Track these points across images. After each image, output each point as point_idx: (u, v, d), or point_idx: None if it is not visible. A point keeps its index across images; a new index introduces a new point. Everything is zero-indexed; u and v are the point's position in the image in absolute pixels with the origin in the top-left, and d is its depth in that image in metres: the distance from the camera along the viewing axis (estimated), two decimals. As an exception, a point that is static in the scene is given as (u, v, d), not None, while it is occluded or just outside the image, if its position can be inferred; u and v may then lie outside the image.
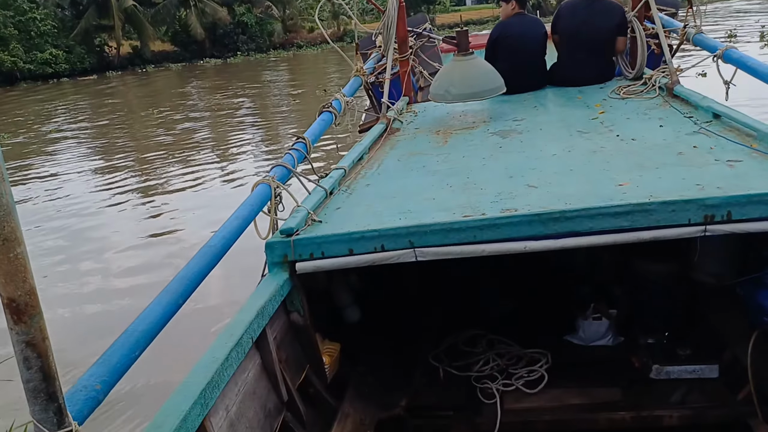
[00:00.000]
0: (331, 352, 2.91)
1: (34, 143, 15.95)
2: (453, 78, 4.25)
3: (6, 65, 37.92)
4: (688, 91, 3.79)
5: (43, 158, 13.99)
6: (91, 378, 1.52)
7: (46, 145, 15.42)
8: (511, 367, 3.24)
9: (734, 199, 2.25)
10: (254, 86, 24.06)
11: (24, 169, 12.77)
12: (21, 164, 13.30)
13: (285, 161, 3.01)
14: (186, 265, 2.07)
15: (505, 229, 2.37)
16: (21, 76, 39.13)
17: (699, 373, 2.97)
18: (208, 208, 8.59)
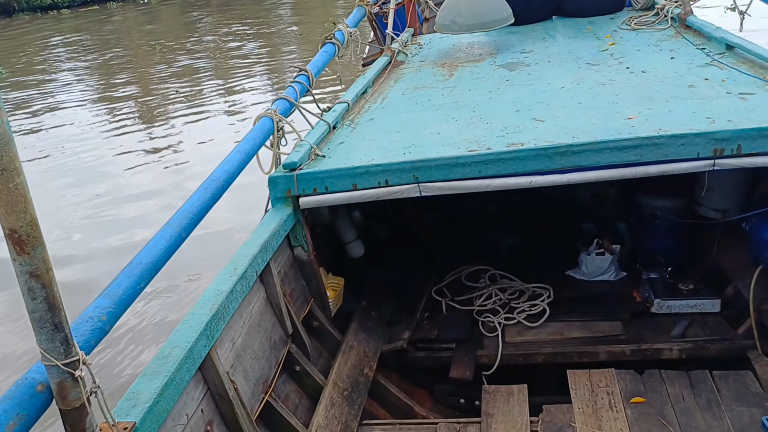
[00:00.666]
0: (335, 287, 2.93)
1: (33, 78, 15.66)
2: (460, 8, 4.12)
3: (2, -4, 37.21)
4: (701, 22, 3.67)
5: (43, 93, 13.74)
6: (97, 309, 1.54)
7: (45, 80, 15.11)
8: (514, 302, 3.27)
9: (745, 133, 2.21)
10: (259, 18, 23.44)
11: (24, 104, 12.59)
12: (21, 97, 13.12)
13: (287, 94, 2.95)
14: (188, 198, 2.05)
15: (511, 163, 2.34)
16: (19, 7, 38.07)
17: (701, 307, 3.00)
18: (213, 142, 8.56)
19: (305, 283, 2.73)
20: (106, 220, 6.63)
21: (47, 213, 6.79)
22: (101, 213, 6.82)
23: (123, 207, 6.89)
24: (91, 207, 7.01)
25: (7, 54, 19.61)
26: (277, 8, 26.86)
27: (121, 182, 7.70)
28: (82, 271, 5.55)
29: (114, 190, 7.43)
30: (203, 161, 7.41)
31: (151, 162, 8.36)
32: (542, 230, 3.91)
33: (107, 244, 6.03)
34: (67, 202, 7.19)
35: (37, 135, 10.32)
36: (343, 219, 3.21)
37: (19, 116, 11.59)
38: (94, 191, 7.44)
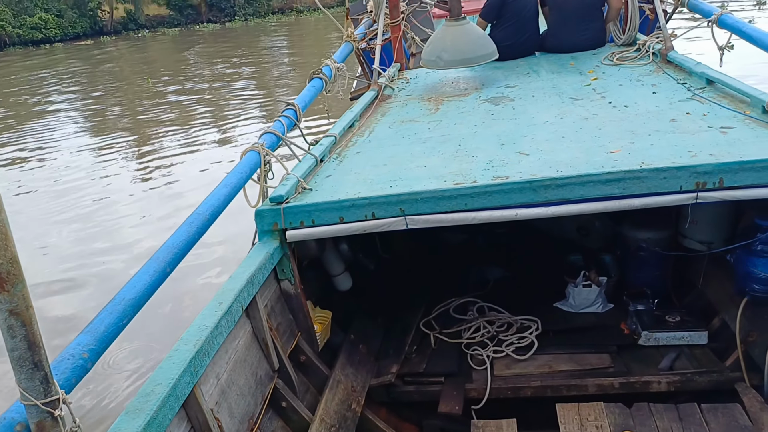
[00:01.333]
0: (323, 320, 2.91)
1: (24, 113, 15.55)
2: (445, 44, 4.18)
3: (-5, 30, 36.76)
4: (681, 57, 3.75)
5: (36, 127, 13.64)
6: (78, 346, 1.51)
7: (37, 115, 14.99)
8: (502, 334, 3.26)
9: (726, 166, 2.24)
10: (253, 53, 23.37)
11: (17, 139, 12.49)
12: (14, 134, 12.94)
13: (274, 128, 2.97)
14: (174, 232, 2.04)
15: (497, 196, 2.36)
16: (10, 41, 37.47)
17: (688, 339, 3.00)
18: (205, 173, 8.57)
19: (292, 317, 2.71)
20: (95, 250, 6.57)
21: (36, 244, 6.77)
22: (90, 245, 6.76)
23: (113, 238, 6.85)
24: (81, 238, 6.96)
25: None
26: (271, 44, 27.05)
27: (112, 214, 7.65)
28: (71, 304, 5.49)
29: (104, 222, 7.38)
30: (194, 194, 7.40)
31: (142, 194, 8.36)
32: (529, 262, 3.92)
33: (95, 275, 5.98)
34: (57, 234, 7.14)
35: (27, 167, 10.25)
36: (330, 252, 3.20)
37: (9, 149, 11.53)
38: (85, 223, 7.38)
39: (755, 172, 2.22)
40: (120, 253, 6.41)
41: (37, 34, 38.26)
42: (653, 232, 3.31)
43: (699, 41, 4.69)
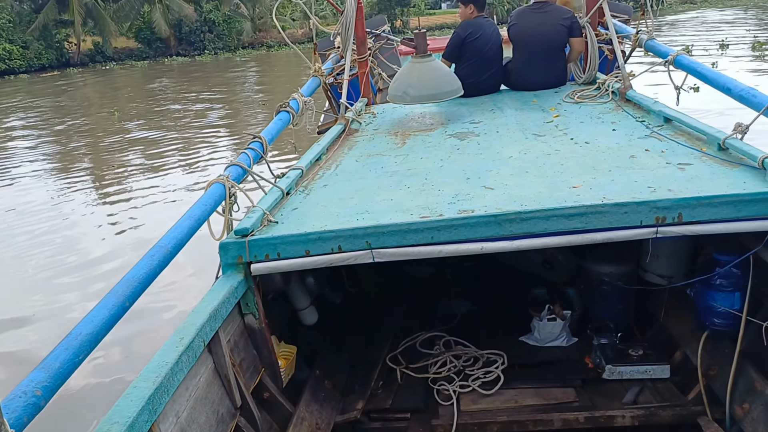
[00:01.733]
0: (287, 355, 2.86)
1: None
2: (411, 79, 4.25)
3: (-45, 60, 35.85)
4: (640, 96, 3.86)
5: None
6: (31, 384, 1.45)
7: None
8: (468, 368, 3.25)
9: (685, 202, 2.29)
10: (222, 87, 23.21)
11: None
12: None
13: (240, 160, 2.95)
14: (134, 266, 1.99)
15: (462, 230, 2.37)
16: None
17: (651, 373, 3.03)
18: (171, 206, 8.44)
19: (256, 353, 2.66)
20: (57, 285, 6.39)
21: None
22: (52, 279, 6.57)
23: (75, 273, 6.66)
24: (43, 273, 6.76)
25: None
26: (240, 78, 26.99)
27: (74, 248, 7.46)
28: (27, 340, 5.31)
29: (66, 257, 7.18)
30: (161, 227, 7.27)
31: (106, 227, 8.17)
32: (495, 295, 3.93)
33: (52, 312, 5.79)
34: (17, 270, 6.93)
35: None
36: (296, 285, 3.16)
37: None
38: (45, 258, 7.18)
39: (712, 207, 2.28)
40: (80, 288, 6.24)
41: (0, 65, 37.73)
42: (615, 266, 3.36)
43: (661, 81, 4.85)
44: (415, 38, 4.38)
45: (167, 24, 42.49)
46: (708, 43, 21.57)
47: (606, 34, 4.60)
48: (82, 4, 40.01)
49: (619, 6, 5.58)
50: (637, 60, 4.50)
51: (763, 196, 2.26)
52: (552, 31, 4.70)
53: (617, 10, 5.21)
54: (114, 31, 42.28)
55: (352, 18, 4.62)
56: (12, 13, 40.43)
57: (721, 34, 23.48)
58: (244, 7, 45.49)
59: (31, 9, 42.05)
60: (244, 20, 45.79)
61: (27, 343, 5.29)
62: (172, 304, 5.54)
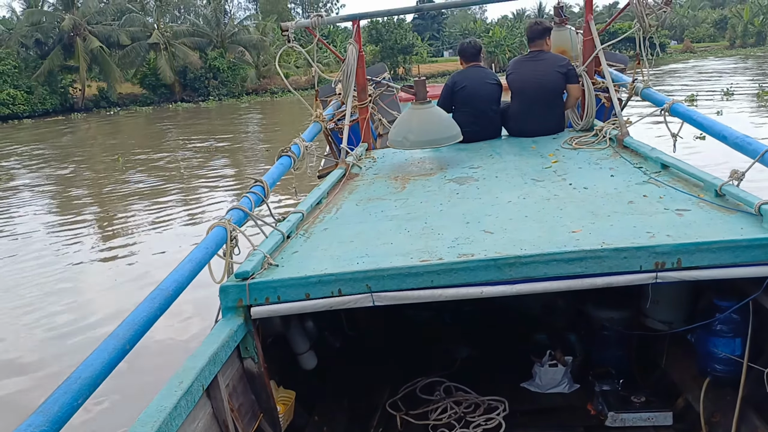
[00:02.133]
0: (286, 401, 2.83)
1: None
2: (411, 125, 4.31)
3: (-41, 105, 36.16)
4: (637, 143, 3.92)
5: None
6: (30, 428, 1.44)
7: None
8: (469, 415, 3.21)
9: (684, 247, 2.31)
10: (227, 133, 23.24)
11: None
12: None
13: (242, 204, 2.97)
14: (134, 309, 1.99)
15: (462, 274, 2.37)
16: None
17: (653, 420, 2.99)
18: (173, 251, 8.40)
19: (254, 398, 2.63)
20: (60, 333, 6.32)
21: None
22: (53, 327, 6.51)
23: (75, 318, 6.61)
24: (43, 322, 6.68)
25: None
26: (245, 124, 27.18)
27: (76, 294, 7.43)
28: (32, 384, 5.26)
29: (68, 303, 7.13)
30: (163, 273, 7.21)
31: (107, 273, 8.15)
32: (496, 340, 3.91)
33: (58, 355, 5.73)
34: (18, 319, 6.84)
35: None
36: (295, 329, 3.15)
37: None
38: (48, 305, 7.10)
39: (711, 253, 2.29)
40: (86, 332, 6.18)
41: (3, 109, 38.08)
42: (616, 312, 3.35)
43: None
44: (415, 85, 4.46)
45: (172, 71, 43.10)
46: (712, 91, 21.79)
47: (603, 83, 4.69)
48: (87, 50, 40.66)
49: (616, 56, 5.70)
50: (642, 107, 4.57)
51: (760, 242, 2.28)
52: (549, 79, 4.80)
53: (613, 59, 5.33)
54: (119, 78, 42.87)
55: (353, 65, 4.72)
56: (18, 59, 41.04)
57: (723, 83, 23.76)
58: (249, 55, 46.22)
59: (37, 55, 42.78)
60: (249, 67, 46.42)
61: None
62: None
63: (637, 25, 4.11)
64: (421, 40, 58.46)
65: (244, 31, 48.85)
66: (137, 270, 8.11)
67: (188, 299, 2.63)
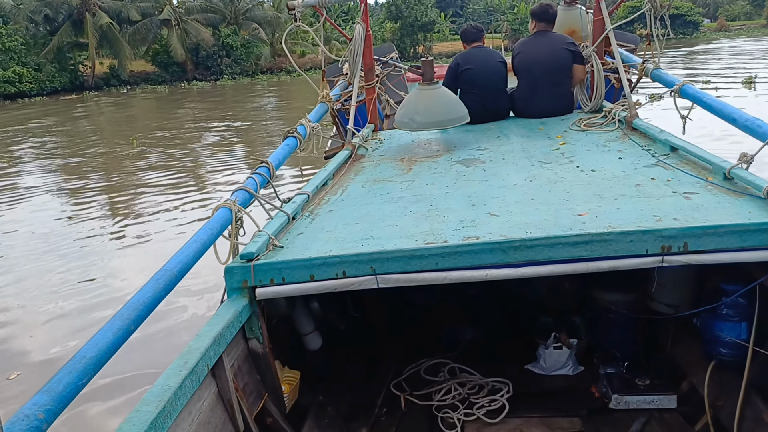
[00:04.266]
0: (291, 381, 2.85)
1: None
2: (418, 106, 4.28)
3: (-38, 83, 35.35)
4: (646, 125, 3.88)
5: (7, 184, 12.92)
6: (34, 407, 1.45)
7: (7, 173, 14.07)
8: (473, 396, 3.23)
9: (691, 231, 2.29)
10: (243, 113, 22.62)
11: None
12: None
13: (247, 185, 2.97)
14: (140, 289, 2.00)
15: (467, 256, 2.37)
16: None
17: (657, 403, 3.00)
18: (182, 235, 8.34)
19: (259, 377, 2.65)
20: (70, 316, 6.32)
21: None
22: (62, 308, 6.51)
23: (86, 301, 6.60)
24: (55, 300, 6.71)
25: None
26: (260, 103, 26.66)
27: (88, 273, 7.43)
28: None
29: (77, 282, 7.15)
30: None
31: (118, 252, 8.14)
32: (501, 323, 3.91)
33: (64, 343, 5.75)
34: (27, 302, 6.83)
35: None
36: (300, 310, 3.16)
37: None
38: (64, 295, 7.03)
39: (718, 237, 2.28)
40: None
41: (9, 87, 37.34)
42: (621, 295, 3.34)
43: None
44: (422, 65, 4.42)
45: (184, 48, 41.77)
46: (731, 77, 20.91)
47: (613, 63, 4.63)
48: (96, 26, 39.38)
49: (626, 35, 5.62)
50: (653, 88, 4.49)
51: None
52: (556, 55, 4.76)
53: (624, 40, 5.26)
54: (129, 55, 41.50)
55: (360, 45, 4.68)
56: (26, 35, 40.05)
57: (750, 68, 22.69)
58: (263, 32, 44.45)
59: (47, 31, 41.66)
60: (263, 45, 44.73)
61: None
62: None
63: (648, 5, 4.05)
64: (444, 17, 56.50)
65: (259, 7, 46.89)
66: (156, 251, 8.12)
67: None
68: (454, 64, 4.98)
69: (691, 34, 53.32)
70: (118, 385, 4.70)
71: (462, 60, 4.96)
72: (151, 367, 4.73)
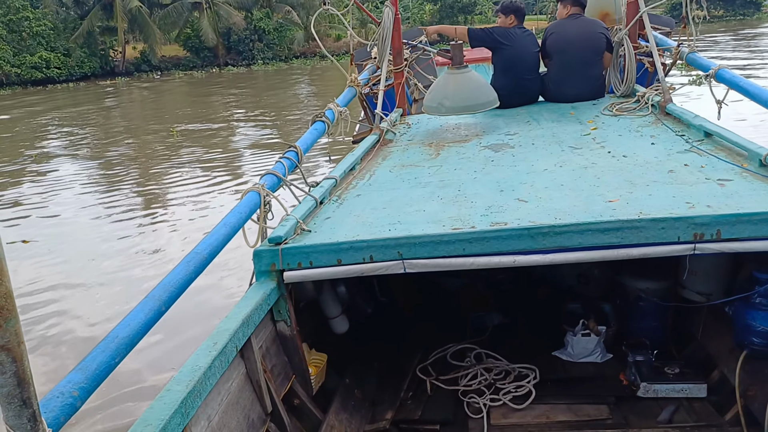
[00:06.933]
0: (318, 363, 2.88)
1: (20, 158, 14.06)
2: (447, 91, 4.25)
3: (-11, 67, 34.17)
4: (680, 110, 3.80)
5: (37, 181, 12.31)
6: (69, 384, 1.50)
7: (34, 174, 13.18)
8: (499, 382, 3.22)
9: (724, 218, 2.24)
10: (279, 99, 22.01)
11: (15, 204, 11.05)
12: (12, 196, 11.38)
13: (275, 169, 2.99)
14: (171, 271, 2.04)
15: (495, 242, 2.36)
16: (7, 80, 35.39)
17: (687, 392, 2.96)
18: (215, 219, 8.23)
19: (287, 359, 2.69)
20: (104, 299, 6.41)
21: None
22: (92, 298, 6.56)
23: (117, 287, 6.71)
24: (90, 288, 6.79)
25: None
26: (295, 86, 26.10)
27: (117, 259, 7.48)
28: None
29: (107, 267, 7.24)
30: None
31: (148, 230, 8.22)
32: (528, 309, 3.89)
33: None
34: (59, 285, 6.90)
35: (26, 217, 9.80)
36: (327, 294, 3.19)
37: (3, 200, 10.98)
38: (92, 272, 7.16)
39: (752, 224, 2.23)
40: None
41: (36, 73, 36.37)
42: (652, 282, 3.30)
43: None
44: (452, 49, 4.39)
45: (215, 32, 40.70)
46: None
47: (646, 47, 4.54)
48: (126, 10, 38.43)
49: (661, 18, 5.51)
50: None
51: None
52: (591, 37, 4.69)
53: (658, 23, 5.15)
54: (159, 39, 40.40)
55: (389, 29, 4.66)
56: (56, 19, 39.15)
57: None
58: (296, 15, 42.96)
59: (77, 15, 40.63)
60: (296, 29, 43.21)
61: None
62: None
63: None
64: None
65: (292, -11, 46.34)
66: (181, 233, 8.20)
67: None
68: (497, 34, 4.81)
69: (752, 15, 50.98)
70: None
71: (506, 36, 4.80)
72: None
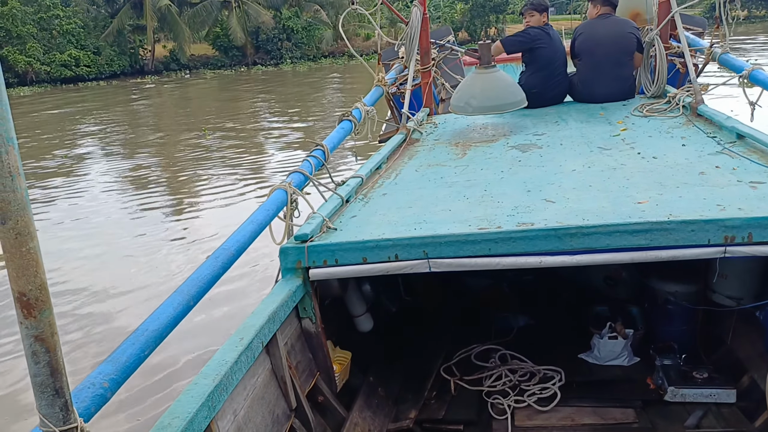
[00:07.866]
0: (342, 361, 2.90)
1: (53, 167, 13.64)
2: (474, 90, 4.24)
3: (20, 66, 34.24)
4: (712, 111, 3.74)
5: (69, 183, 12.13)
6: (99, 375, 1.53)
7: (67, 173, 13.06)
8: (524, 384, 3.20)
9: (756, 221, 2.20)
10: (302, 96, 21.99)
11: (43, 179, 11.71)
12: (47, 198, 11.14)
13: (302, 168, 3.01)
14: (199, 266, 2.07)
15: (521, 243, 2.35)
16: (37, 78, 35.38)
17: (716, 397, 2.91)
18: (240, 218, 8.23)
19: (311, 356, 2.70)
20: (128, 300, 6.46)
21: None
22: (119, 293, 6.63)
23: (143, 283, 6.79)
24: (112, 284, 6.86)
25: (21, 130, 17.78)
26: (322, 86, 26.05)
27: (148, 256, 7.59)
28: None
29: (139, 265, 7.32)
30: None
31: (177, 231, 8.29)
32: (554, 311, 3.86)
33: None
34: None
35: (55, 206, 10.07)
36: (352, 292, 3.20)
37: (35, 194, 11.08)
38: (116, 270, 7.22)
39: None
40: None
41: (66, 71, 36.22)
42: (681, 286, 3.25)
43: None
44: (479, 49, 4.37)
45: (244, 31, 40.53)
46: None
47: (678, 47, 4.47)
48: (156, 8, 38.29)
49: (693, 19, 5.42)
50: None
51: None
52: (621, 37, 4.63)
53: (690, 23, 5.07)
54: (188, 38, 40.28)
55: (417, 28, 4.66)
56: (87, 17, 39.02)
57: None
58: (325, 14, 42.55)
59: (108, 13, 40.56)
60: (325, 28, 42.74)
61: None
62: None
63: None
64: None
65: (321, -12, 45.85)
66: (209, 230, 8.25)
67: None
68: (530, 38, 4.76)
69: (734, 20, 49.75)
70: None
71: (541, 35, 4.76)
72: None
